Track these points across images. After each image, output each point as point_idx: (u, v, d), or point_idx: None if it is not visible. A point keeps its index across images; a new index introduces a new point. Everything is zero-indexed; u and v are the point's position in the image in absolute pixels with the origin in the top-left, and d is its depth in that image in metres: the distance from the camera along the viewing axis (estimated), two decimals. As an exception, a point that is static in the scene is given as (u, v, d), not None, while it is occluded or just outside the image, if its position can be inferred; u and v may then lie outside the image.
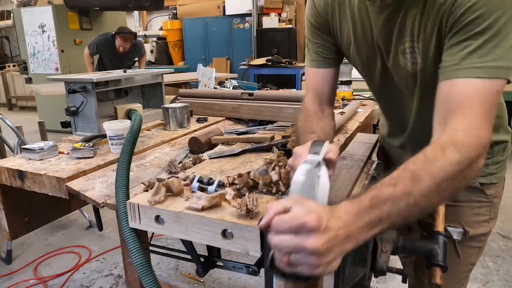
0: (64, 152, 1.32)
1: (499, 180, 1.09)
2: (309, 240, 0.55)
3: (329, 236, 0.56)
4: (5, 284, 2.43)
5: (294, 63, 5.89)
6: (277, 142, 1.24)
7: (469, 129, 0.71)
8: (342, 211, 0.60)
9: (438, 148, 0.68)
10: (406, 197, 0.63)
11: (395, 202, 0.62)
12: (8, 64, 9.62)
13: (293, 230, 0.56)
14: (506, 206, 3.19)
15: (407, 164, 0.67)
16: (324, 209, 0.59)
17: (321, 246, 0.55)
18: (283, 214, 0.58)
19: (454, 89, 0.75)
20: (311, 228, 0.55)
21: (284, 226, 0.56)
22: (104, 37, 4.93)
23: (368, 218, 0.61)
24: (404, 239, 0.87)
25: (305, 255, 0.55)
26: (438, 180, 0.65)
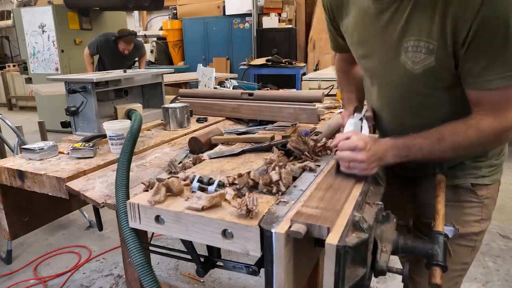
0: (64, 152, 1.32)
1: (492, 182, 1.10)
2: (359, 154, 0.92)
3: (371, 153, 0.93)
4: (5, 284, 2.43)
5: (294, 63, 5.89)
6: (277, 142, 1.24)
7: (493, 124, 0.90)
8: (383, 142, 0.97)
9: (465, 125, 0.92)
10: (430, 148, 0.94)
11: (421, 149, 0.95)
12: (8, 64, 9.62)
13: (351, 148, 0.93)
14: (506, 206, 3.19)
15: (440, 128, 0.94)
16: (370, 138, 0.96)
17: (366, 158, 0.92)
18: (344, 140, 0.95)
19: (485, 97, 0.90)
20: (360, 148, 0.92)
21: (345, 146, 0.95)
22: (105, 38, 4.92)
23: (399, 151, 0.96)
24: (404, 239, 0.87)
25: (357, 163, 0.93)
26: (456, 145, 0.93)
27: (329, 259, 0.69)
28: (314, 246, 0.86)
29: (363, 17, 1.01)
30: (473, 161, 1.07)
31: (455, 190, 1.09)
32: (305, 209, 0.79)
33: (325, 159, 1.12)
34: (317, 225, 0.72)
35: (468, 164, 1.07)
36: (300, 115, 1.66)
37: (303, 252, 0.84)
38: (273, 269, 0.73)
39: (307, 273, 0.96)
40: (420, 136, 0.95)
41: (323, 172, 1.02)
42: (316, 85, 3.63)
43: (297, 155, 1.11)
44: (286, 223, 0.74)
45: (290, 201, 0.84)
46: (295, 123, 1.63)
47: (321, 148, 1.14)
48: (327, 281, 0.70)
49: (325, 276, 0.70)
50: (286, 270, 0.73)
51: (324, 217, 0.75)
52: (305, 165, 1.04)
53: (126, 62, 5.05)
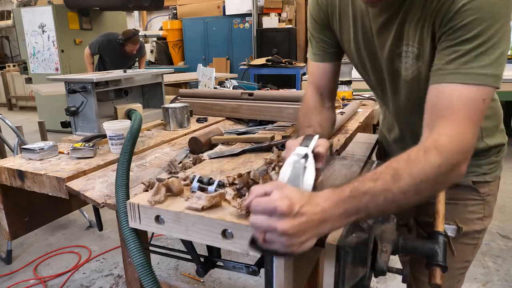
0: (64, 152, 1.32)
1: (494, 179, 1.10)
2: (279, 222, 0.61)
3: (300, 220, 0.62)
4: (5, 284, 2.43)
5: (294, 63, 5.90)
6: (277, 142, 1.24)
7: (453, 135, 0.73)
8: (322, 198, 0.66)
9: (421, 150, 0.71)
10: (385, 192, 0.67)
11: (374, 196, 0.66)
12: (8, 64, 9.62)
13: (267, 212, 0.62)
14: (506, 206, 3.19)
15: (391, 162, 0.71)
16: (301, 195, 0.64)
17: (290, 229, 0.61)
18: (261, 197, 0.64)
19: (441, 94, 0.77)
20: (282, 212, 0.61)
21: (259, 208, 0.63)
22: (107, 38, 4.92)
23: (346, 207, 0.65)
24: (404, 239, 0.87)
25: (277, 235, 0.62)
26: (418, 180, 0.68)
27: (329, 259, 0.69)
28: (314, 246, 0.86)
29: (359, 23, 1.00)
30: (474, 159, 1.07)
31: (457, 188, 1.08)
32: (305, 209, 0.79)
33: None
34: (317, 225, 0.72)
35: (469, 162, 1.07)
36: (300, 115, 1.66)
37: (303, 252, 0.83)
38: (273, 269, 0.73)
39: (307, 273, 0.96)
40: (369, 179, 0.68)
41: (323, 173, 1.02)
42: (316, 85, 3.62)
43: (297, 155, 1.11)
44: (286, 223, 0.73)
45: (290, 201, 0.84)
46: (295, 123, 1.63)
47: (321, 148, 1.14)
48: (327, 281, 0.70)
49: (325, 276, 0.70)
50: (286, 270, 0.73)
51: (324, 217, 0.75)
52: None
53: (128, 62, 5.06)
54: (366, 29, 0.98)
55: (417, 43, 0.87)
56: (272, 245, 0.63)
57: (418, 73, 0.91)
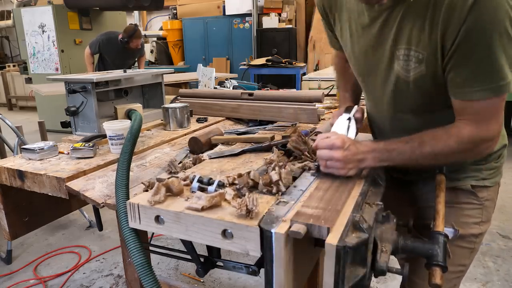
0: (64, 152, 1.32)
1: (493, 184, 1.10)
2: (336, 152, 0.91)
3: (348, 152, 0.92)
4: (5, 284, 2.43)
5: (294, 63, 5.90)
6: (277, 142, 1.24)
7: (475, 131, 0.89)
8: (363, 144, 0.95)
9: (446, 133, 0.91)
10: (410, 152, 0.92)
11: (401, 153, 0.93)
12: (8, 64, 9.62)
13: (328, 147, 0.93)
14: (506, 206, 3.19)
15: (422, 133, 0.92)
16: (350, 138, 0.96)
17: (342, 157, 0.91)
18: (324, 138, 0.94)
19: (468, 107, 0.90)
20: (337, 146, 0.91)
21: (323, 144, 0.94)
22: (107, 37, 4.92)
23: (379, 154, 0.94)
24: (404, 239, 0.87)
25: (333, 162, 0.93)
26: (437, 152, 0.92)
27: (329, 259, 0.69)
28: (314, 246, 0.86)
29: (356, 24, 1.01)
30: (473, 164, 1.07)
31: (455, 192, 1.09)
32: (305, 209, 0.79)
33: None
34: (317, 225, 0.72)
35: (469, 167, 1.07)
36: (300, 115, 1.65)
37: (303, 252, 0.84)
38: (273, 269, 0.73)
39: (307, 273, 0.96)
40: (401, 141, 0.93)
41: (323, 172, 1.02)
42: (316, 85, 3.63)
43: (297, 155, 1.11)
44: (286, 223, 0.74)
45: (290, 201, 0.84)
46: (295, 123, 1.63)
47: (321, 148, 1.14)
48: (327, 281, 0.70)
49: (325, 276, 0.70)
50: (286, 270, 0.73)
51: (324, 217, 0.75)
52: (305, 165, 1.04)
53: (128, 60, 5.06)
54: (363, 30, 0.99)
55: (421, 49, 0.88)
56: (330, 169, 0.94)
57: (421, 75, 0.92)
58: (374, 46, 0.98)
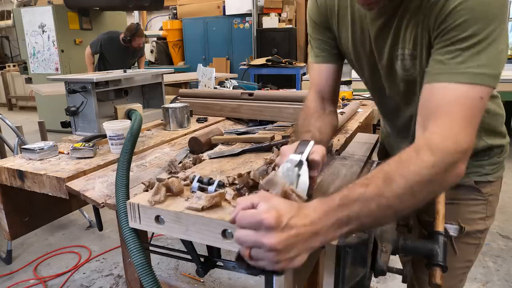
0: (64, 152, 1.32)
1: (496, 179, 1.10)
2: (266, 237, 0.57)
3: (289, 234, 0.57)
4: (5, 284, 2.43)
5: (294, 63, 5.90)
6: (277, 142, 1.24)
7: (446, 133, 0.70)
8: (310, 208, 0.62)
9: (413, 150, 0.69)
10: (378, 198, 0.63)
11: (365, 202, 0.63)
12: (8, 64, 9.62)
13: (253, 226, 0.58)
14: (506, 206, 3.19)
15: (382, 166, 0.68)
16: (289, 206, 0.60)
17: (278, 243, 0.57)
18: (247, 210, 0.60)
19: (435, 93, 0.75)
20: (268, 225, 0.57)
21: (244, 221, 0.59)
22: (108, 36, 4.93)
23: (337, 216, 0.61)
24: (404, 239, 0.87)
25: (264, 251, 0.58)
26: (412, 182, 0.65)
27: (329, 259, 0.69)
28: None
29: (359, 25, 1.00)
30: (475, 160, 1.07)
31: (459, 188, 1.08)
32: (305, 209, 0.79)
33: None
34: (317, 225, 0.72)
35: (471, 163, 1.07)
36: (300, 115, 1.66)
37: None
38: (273, 269, 0.73)
39: (307, 273, 0.96)
40: (359, 186, 0.65)
41: (323, 173, 1.02)
42: (316, 85, 3.62)
43: (297, 155, 1.11)
44: (286, 223, 0.73)
45: (290, 201, 0.84)
46: (295, 123, 1.63)
47: (321, 148, 1.14)
48: (327, 281, 0.70)
49: (325, 276, 0.70)
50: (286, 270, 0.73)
51: (324, 217, 0.75)
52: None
53: (128, 60, 5.06)
54: (364, 32, 0.99)
55: (411, 46, 0.88)
56: (259, 262, 0.59)
57: (416, 74, 0.92)
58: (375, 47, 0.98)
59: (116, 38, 4.85)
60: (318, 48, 1.10)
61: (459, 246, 1.09)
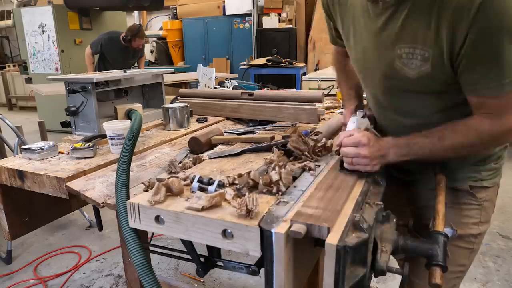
0: (64, 152, 1.32)
1: (492, 185, 1.10)
2: (362, 149, 0.95)
3: (373, 149, 0.95)
4: (5, 284, 2.43)
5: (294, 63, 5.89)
6: (277, 142, 1.24)
7: (494, 124, 0.90)
8: (385, 140, 0.99)
9: (466, 127, 0.93)
10: (431, 147, 0.95)
11: (422, 147, 0.96)
12: (8, 64, 9.61)
13: (354, 144, 0.96)
14: (506, 206, 3.19)
15: (441, 127, 0.95)
16: (372, 135, 0.98)
17: (369, 154, 0.94)
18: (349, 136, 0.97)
19: (484, 102, 0.90)
20: (364, 143, 0.95)
21: (349, 142, 0.97)
22: (109, 36, 4.93)
23: (400, 150, 0.96)
24: (404, 239, 0.87)
25: (360, 159, 0.95)
26: (457, 145, 0.94)
27: (329, 259, 0.69)
28: (314, 246, 0.86)
29: (360, 20, 1.01)
30: (472, 165, 1.07)
31: (454, 192, 1.09)
32: (305, 209, 0.79)
33: (325, 159, 1.12)
34: (317, 225, 0.72)
35: (468, 167, 1.08)
36: (300, 115, 1.66)
37: (303, 252, 0.84)
38: (273, 269, 0.73)
39: (307, 273, 0.96)
40: (422, 135, 0.95)
41: (323, 172, 1.02)
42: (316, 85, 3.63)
43: (297, 155, 1.11)
44: (286, 223, 0.74)
45: (290, 201, 0.84)
46: (295, 123, 1.63)
47: (321, 148, 1.14)
48: (327, 281, 0.70)
49: (325, 276, 0.70)
50: (286, 270, 0.73)
51: (324, 217, 0.75)
52: (305, 165, 1.04)
53: (129, 60, 5.06)
54: (366, 27, 0.98)
55: (427, 47, 0.88)
56: (356, 166, 0.97)
57: (426, 74, 0.92)
58: (376, 43, 0.98)
59: (116, 38, 4.85)
60: (330, 33, 1.28)
61: (451, 250, 1.09)
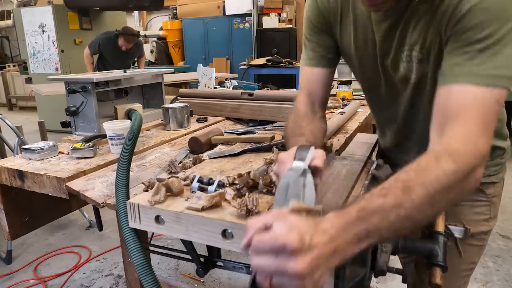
0: (64, 152, 1.32)
1: (499, 180, 1.10)
2: (291, 263, 0.51)
3: (313, 255, 0.52)
4: (5, 284, 2.43)
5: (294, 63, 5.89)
6: (277, 142, 1.24)
7: (466, 138, 0.69)
8: (328, 224, 0.56)
9: (432, 157, 0.66)
10: (397, 209, 0.60)
11: (384, 214, 0.59)
12: (8, 64, 9.61)
13: (274, 252, 0.52)
14: (506, 206, 3.19)
15: (399, 174, 0.64)
16: (307, 224, 0.55)
17: (305, 268, 0.51)
18: (263, 233, 0.53)
19: (452, 96, 0.73)
20: (293, 249, 0.51)
21: (264, 247, 0.52)
22: (107, 36, 4.94)
23: (355, 231, 0.57)
24: (404, 239, 0.87)
25: (288, 279, 0.51)
26: (432, 191, 0.62)
27: (329, 259, 0.69)
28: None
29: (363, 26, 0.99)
30: None
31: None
32: (305, 209, 0.79)
33: (325, 159, 1.11)
34: (317, 225, 0.72)
35: None
36: (300, 115, 1.65)
37: None
38: (273, 269, 0.73)
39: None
40: (377, 196, 0.61)
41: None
42: (316, 85, 3.62)
43: (297, 155, 1.11)
44: (286, 223, 0.73)
45: (290, 201, 0.84)
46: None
47: (321, 148, 1.14)
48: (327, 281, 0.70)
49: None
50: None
51: (324, 217, 0.75)
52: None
53: (127, 60, 5.07)
54: (368, 35, 0.97)
55: (419, 47, 0.86)
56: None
57: (421, 76, 0.90)
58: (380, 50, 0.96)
59: (113, 38, 4.86)
60: (312, 50, 1.06)
61: (464, 248, 1.09)
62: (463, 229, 1.06)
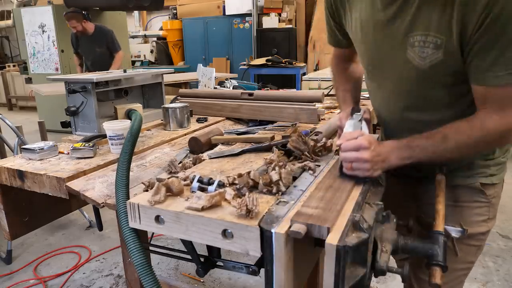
0: (64, 152, 1.32)
1: (499, 181, 1.11)
2: (363, 153, 0.90)
3: (375, 153, 0.90)
4: (5, 284, 2.43)
5: (294, 63, 5.89)
6: (277, 142, 1.24)
7: (499, 122, 0.87)
8: (386, 143, 0.95)
9: (469, 126, 0.91)
10: (433, 148, 0.92)
11: (424, 149, 0.92)
12: (8, 64, 9.61)
13: (355, 148, 0.91)
14: (506, 206, 3.19)
15: (444, 128, 0.92)
16: (374, 139, 0.93)
17: (370, 158, 0.89)
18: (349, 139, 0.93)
19: (491, 93, 0.87)
20: (365, 147, 0.90)
21: (349, 145, 0.92)
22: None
23: (402, 152, 0.93)
24: (404, 239, 0.87)
25: (361, 163, 0.90)
26: (461, 145, 0.91)
27: (329, 259, 0.69)
28: (314, 246, 0.86)
29: (369, 13, 0.99)
30: (482, 160, 1.07)
31: (464, 190, 1.08)
32: (305, 209, 0.79)
33: (325, 159, 1.12)
34: (317, 225, 0.72)
35: (478, 163, 1.07)
36: (300, 115, 1.66)
37: (303, 252, 0.84)
38: (273, 269, 0.73)
39: (307, 273, 0.96)
40: (424, 137, 0.92)
41: (323, 172, 1.02)
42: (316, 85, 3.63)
43: (297, 155, 1.11)
44: (286, 223, 0.74)
45: (290, 201, 0.84)
46: (295, 123, 1.63)
47: (321, 148, 1.14)
48: (327, 281, 0.70)
49: (325, 276, 0.70)
50: (286, 270, 0.73)
51: (324, 217, 0.75)
52: (305, 165, 1.04)
53: (95, 48, 4.84)
54: (375, 19, 0.97)
55: (440, 34, 0.87)
56: (356, 172, 0.92)
57: (437, 62, 0.90)
58: (387, 34, 0.97)
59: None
60: (330, 34, 1.25)
61: (460, 248, 1.09)
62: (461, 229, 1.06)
